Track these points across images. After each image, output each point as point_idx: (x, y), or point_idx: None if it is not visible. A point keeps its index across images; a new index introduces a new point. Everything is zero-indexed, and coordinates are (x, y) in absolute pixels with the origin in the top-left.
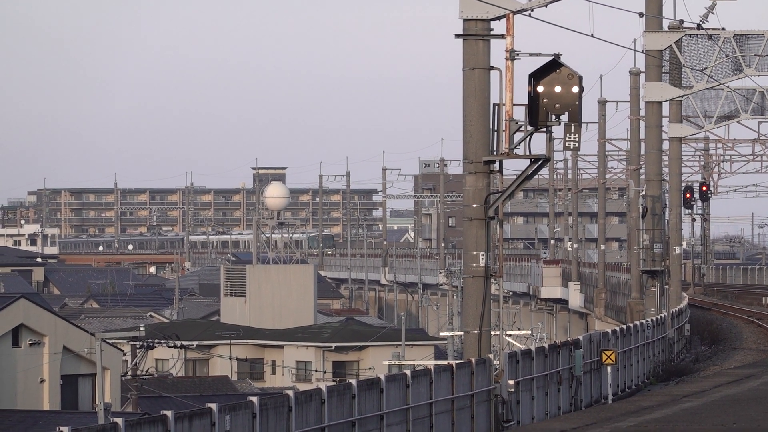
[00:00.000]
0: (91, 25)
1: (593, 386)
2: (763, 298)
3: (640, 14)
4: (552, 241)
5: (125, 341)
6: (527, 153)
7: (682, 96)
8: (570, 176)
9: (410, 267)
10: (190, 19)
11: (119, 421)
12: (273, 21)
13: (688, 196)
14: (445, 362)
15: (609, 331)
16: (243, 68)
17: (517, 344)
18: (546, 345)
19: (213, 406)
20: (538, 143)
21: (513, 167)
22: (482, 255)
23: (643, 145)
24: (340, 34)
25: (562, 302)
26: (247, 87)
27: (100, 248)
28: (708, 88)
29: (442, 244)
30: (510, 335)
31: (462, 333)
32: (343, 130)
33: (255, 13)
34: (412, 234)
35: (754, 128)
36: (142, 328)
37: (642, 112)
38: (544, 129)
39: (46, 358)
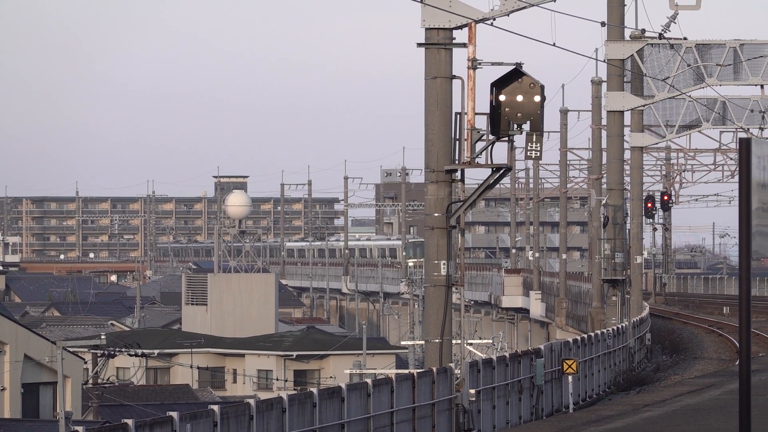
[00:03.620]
0: (52, 37)
1: (554, 395)
2: (724, 308)
3: (602, 24)
4: (513, 251)
5: (86, 350)
6: (489, 162)
7: (643, 105)
8: (531, 185)
9: (372, 276)
10: (153, 27)
11: (80, 429)
12: (233, 30)
13: (649, 205)
14: (406, 371)
15: (570, 340)
16: (204, 77)
17: (479, 353)
18: (507, 354)
19: (174, 414)
20: (500, 152)
21: (475, 176)
22: (444, 264)
23: (604, 154)
24: (301, 43)
25: (524, 311)
26: (209, 96)
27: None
28: (670, 98)
29: (404, 253)
30: (471, 344)
31: (423, 342)
32: (305, 138)
33: (214, 22)
34: None
35: (715, 138)
36: (103, 337)
37: (604, 122)
38: (506, 138)
39: (6, 366)
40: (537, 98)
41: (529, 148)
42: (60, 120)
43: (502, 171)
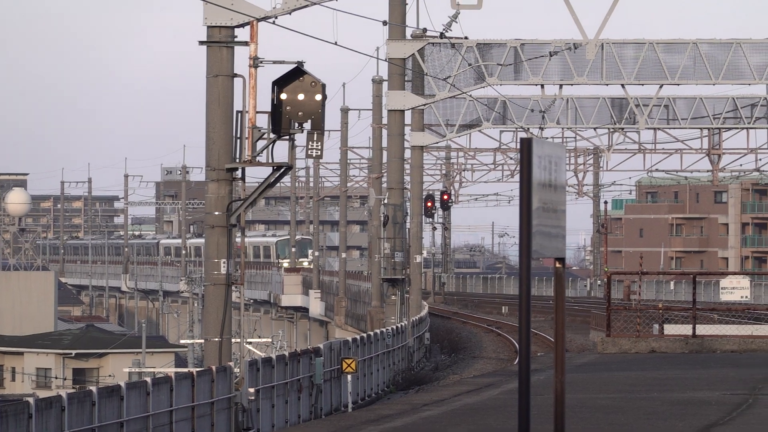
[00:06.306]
0: None
1: (333, 394)
2: (503, 307)
3: (384, 22)
4: (293, 249)
5: None
6: (270, 161)
7: (424, 104)
8: (312, 184)
9: (151, 274)
10: None
11: None
12: (15, 22)
13: (429, 204)
14: (185, 370)
15: (349, 339)
16: None
17: (258, 352)
18: (286, 353)
19: None
20: (281, 151)
21: (256, 175)
22: (223, 263)
23: (385, 153)
24: (83, 38)
25: (303, 310)
26: None
27: None
28: (450, 97)
29: (184, 252)
30: (251, 343)
31: (203, 341)
32: (86, 136)
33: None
34: None
35: (495, 137)
36: None
37: (385, 121)
38: (287, 137)
39: None
40: (318, 97)
41: (310, 146)
42: None
43: (282, 170)
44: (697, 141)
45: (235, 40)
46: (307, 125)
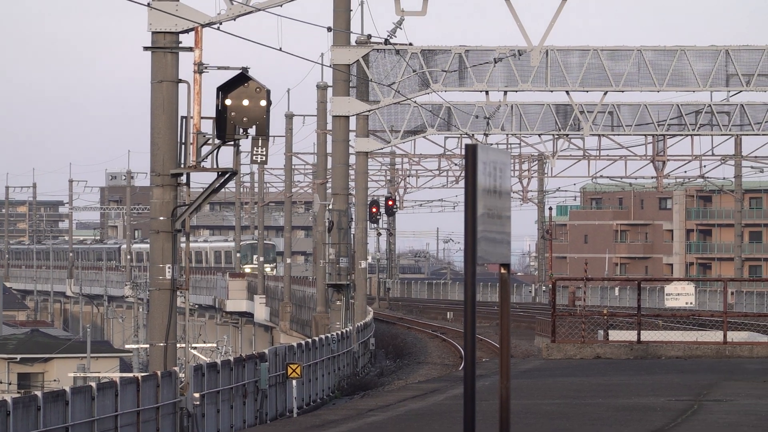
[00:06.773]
0: None
1: (278, 399)
2: (448, 313)
3: (329, 29)
4: (239, 255)
5: None
6: (214, 166)
7: (369, 110)
8: (257, 189)
9: (96, 279)
10: None
11: None
12: None
13: (374, 210)
14: (130, 375)
15: (294, 344)
16: None
17: (203, 357)
18: (231, 358)
19: None
20: (226, 156)
21: (201, 180)
22: (168, 268)
23: (330, 159)
24: (29, 42)
25: (248, 315)
26: None
27: None
28: (395, 103)
29: (129, 256)
30: (196, 348)
31: (148, 345)
32: (30, 141)
33: None
34: None
35: (440, 143)
36: None
37: (329, 126)
38: (232, 142)
39: None
40: (263, 103)
41: (254, 152)
42: None
43: (227, 175)
44: (641, 148)
45: (180, 45)
46: (252, 131)
